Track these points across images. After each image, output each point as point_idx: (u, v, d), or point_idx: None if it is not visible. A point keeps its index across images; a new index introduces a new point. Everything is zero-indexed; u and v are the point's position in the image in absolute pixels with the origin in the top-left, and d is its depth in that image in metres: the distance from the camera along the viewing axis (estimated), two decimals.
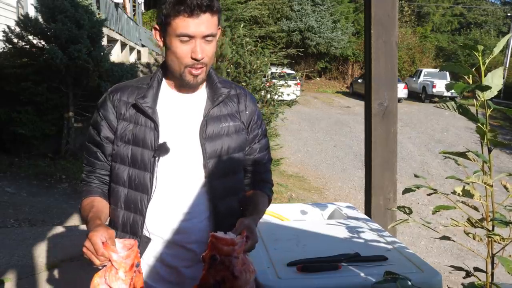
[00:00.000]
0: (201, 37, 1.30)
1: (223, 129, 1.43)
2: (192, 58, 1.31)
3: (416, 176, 1.51)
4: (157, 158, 1.36)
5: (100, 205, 1.41)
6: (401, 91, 20.46)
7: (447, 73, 22.73)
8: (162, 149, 1.36)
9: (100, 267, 1.20)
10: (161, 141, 1.37)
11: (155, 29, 1.38)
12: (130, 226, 1.39)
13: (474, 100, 1.22)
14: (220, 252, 1.13)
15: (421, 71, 23.73)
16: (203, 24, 1.29)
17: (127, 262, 1.18)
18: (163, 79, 1.44)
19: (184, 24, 1.28)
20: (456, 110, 1.21)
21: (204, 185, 1.40)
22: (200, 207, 1.40)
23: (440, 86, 21.73)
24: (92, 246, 1.18)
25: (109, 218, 1.46)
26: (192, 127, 1.40)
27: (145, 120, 1.38)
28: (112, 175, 1.43)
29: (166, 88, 1.44)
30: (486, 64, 1.18)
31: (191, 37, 1.29)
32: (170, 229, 1.39)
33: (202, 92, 1.45)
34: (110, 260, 1.17)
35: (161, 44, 1.37)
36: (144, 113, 1.38)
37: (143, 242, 1.38)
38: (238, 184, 1.50)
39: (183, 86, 1.41)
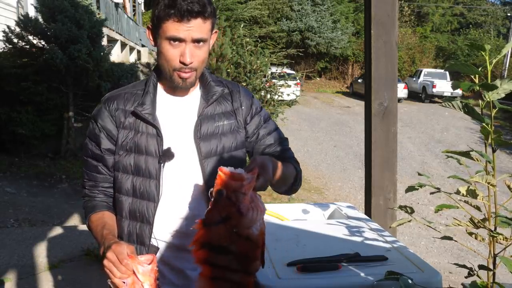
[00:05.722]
0: (191, 41, 1.27)
1: (218, 128, 1.41)
2: (181, 62, 1.29)
3: (419, 174, 1.51)
4: (162, 165, 1.34)
5: (111, 221, 1.38)
6: (401, 91, 20.45)
7: (447, 73, 22.74)
8: (167, 155, 1.34)
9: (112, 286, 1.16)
10: (164, 146, 1.35)
11: (149, 28, 1.36)
12: (137, 235, 1.37)
13: (480, 100, 1.22)
14: (227, 187, 1.08)
15: (421, 71, 23.73)
16: (193, 28, 1.25)
17: (152, 275, 1.17)
18: (158, 83, 1.42)
19: (173, 27, 1.25)
20: (462, 109, 1.20)
21: (202, 186, 1.38)
22: (201, 209, 1.38)
23: (440, 86, 21.73)
24: (116, 256, 1.15)
25: None
26: (187, 128, 1.39)
27: (146, 127, 1.36)
28: (115, 185, 1.40)
29: (161, 92, 1.42)
30: (492, 64, 1.18)
31: (181, 40, 1.27)
32: (175, 234, 1.38)
33: (196, 92, 1.44)
34: (134, 274, 1.15)
35: (152, 44, 1.35)
36: (144, 120, 1.36)
37: (152, 252, 1.36)
38: None
39: (176, 88, 1.39)
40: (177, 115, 1.40)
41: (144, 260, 1.18)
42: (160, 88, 1.42)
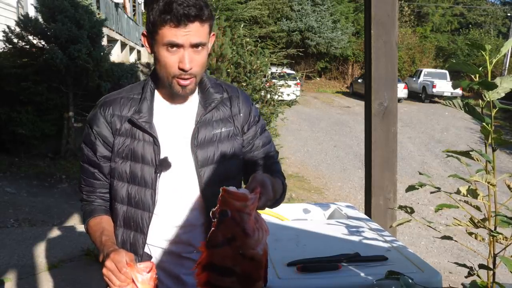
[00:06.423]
0: (189, 46, 1.23)
1: (216, 135, 1.37)
2: (180, 68, 1.25)
3: (420, 173, 1.51)
4: (158, 175, 1.31)
5: (109, 227, 1.37)
6: (401, 91, 20.45)
7: (447, 73, 22.76)
8: (164, 165, 1.32)
9: None
10: (161, 155, 1.32)
11: (144, 35, 1.32)
12: (130, 244, 1.35)
13: (480, 100, 1.22)
14: (231, 208, 1.04)
15: (421, 71, 23.73)
16: (191, 33, 1.21)
17: (151, 283, 1.16)
18: (155, 89, 1.39)
19: (171, 33, 1.21)
20: (463, 109, 1.20)
21: (198, 195, 1.36)
22: (198, 217, 1.37)
23: (440, 86, 21.73)
24: (115, 265, 1.15)
25: None
26: (185, 136, 1.36)
27: (143, 134, 1.33)
28: (111, 192, 1.39)
29: (159, 99, 1.38)
30: (493, 64, 1.18)
31: (178, 46, 1.22)
32: (171, 241, 1.36)
33: (194, 99, 1.40)
34: (133, 282, 1.15)
35: (149, 51, 1.32)
36: (141, 129, 1.33)
37: (144, 260, 1.33)
38: None
39: (174, 95, 1.36)
40: (174, 123, 1.37)
41: (143, 268, 1.17)
42: (157, 94, 1.39)
